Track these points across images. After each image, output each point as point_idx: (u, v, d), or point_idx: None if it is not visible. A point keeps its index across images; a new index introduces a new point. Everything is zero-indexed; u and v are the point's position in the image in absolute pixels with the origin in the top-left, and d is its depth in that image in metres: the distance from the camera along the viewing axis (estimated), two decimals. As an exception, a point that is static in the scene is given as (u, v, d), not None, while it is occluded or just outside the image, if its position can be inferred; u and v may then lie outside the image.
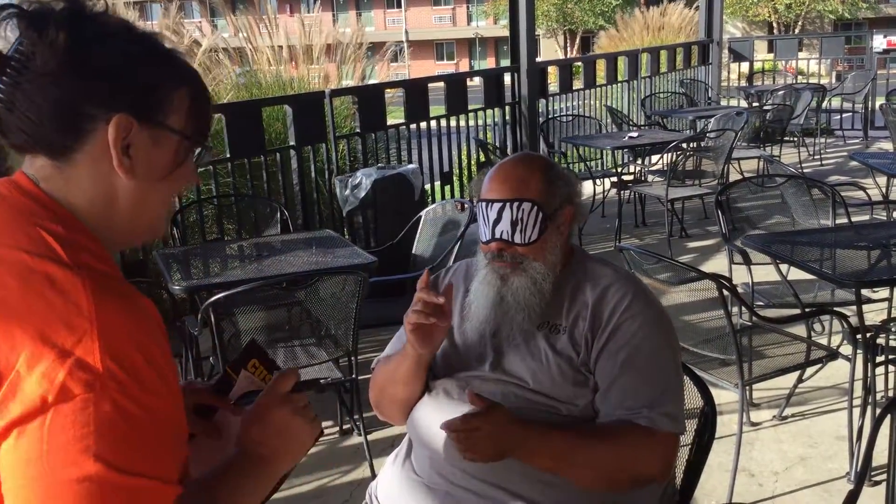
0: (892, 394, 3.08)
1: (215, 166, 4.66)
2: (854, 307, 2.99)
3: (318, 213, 5.30)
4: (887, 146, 8.22)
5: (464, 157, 6.65)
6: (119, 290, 0.89)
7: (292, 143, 5.08)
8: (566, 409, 1.56)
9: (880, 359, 2.92)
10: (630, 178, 7.01)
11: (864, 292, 3.20)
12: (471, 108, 6.55)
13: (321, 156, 5.29)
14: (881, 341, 2.94)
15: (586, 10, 34.90)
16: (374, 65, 7.70)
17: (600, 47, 17.04)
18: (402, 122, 5.88)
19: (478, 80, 7.01)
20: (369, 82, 7.09)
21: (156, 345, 0.88)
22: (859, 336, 2.81)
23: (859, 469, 2.65)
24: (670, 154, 6.13)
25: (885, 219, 4.28)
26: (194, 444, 1.09)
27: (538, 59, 7.20)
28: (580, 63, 8.86)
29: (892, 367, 3.06)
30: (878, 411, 1.76)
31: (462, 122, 6.45)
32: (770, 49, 14.76)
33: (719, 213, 3.74)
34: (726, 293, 2.71)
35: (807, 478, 2.89)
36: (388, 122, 5.76)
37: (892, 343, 3.15)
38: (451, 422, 1.45)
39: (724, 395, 2.88)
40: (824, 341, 3.39)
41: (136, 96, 0.93)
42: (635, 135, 6.58)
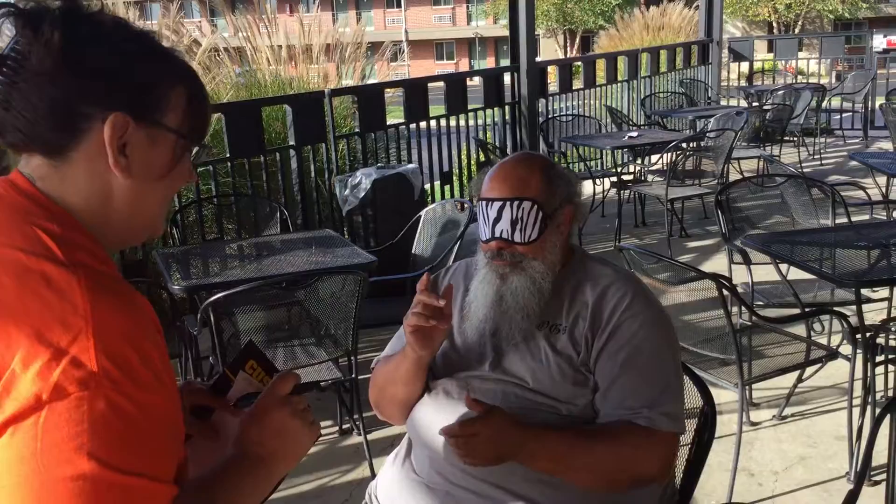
0: (891, 393, 3.08)
1: (215, 166, 4.65)
2: (854, 307, 2.99)
3: (318, 213, 5.30)
4: (887, 146, 8.22)
5: (463, 157, 6.65)
6: (115, 289, 0.89)
7: (292, 142, 5.07)
8: (566, 409, 1.56)
9: (880, 358, 2.93)
10: (630, 177, 7.00)
11: (864, 292, 3.20)
12: (471, 107, 6.54)
13: (321, 155, 5.28)
14: (881, 341, 2.94)
15: (586, 9, 34.90)
16: (374, 64, 7.70)
17: (600, 47, 17.05)
18: (402, 121, 5.88)
19: (477, 80, 7.01)
20: (369, 82, 7.09)
21: (152, 343, 0.88)
22: (859, 336, 2.81)
23: (859, 469, 2.64)
24: (670, 154, 6.13)
25: (884, 218, 4.27)
26: (191, 444, 1.09)
27: (538, 59, 7.20)
28: (580, 63, 8.87)
29: (891, 367, 3.06)
30: (878, 411, 1.76)
31: (462, 122, 6.45)
32: (770, 49, 14.74)
33: (719, 212, 3.74)
34: (726, 293, 2.70)
35: (806, 477, 2.89)
36: (387, 121, 5.75)
37: (892, 343, 3.15)
38: (450, 427, 1.45)
39: (724, 395, 2.88)
40: (824, 341, 3.39)
41: (133, 95, 0.93)
42: (635, 134, 6.58)
